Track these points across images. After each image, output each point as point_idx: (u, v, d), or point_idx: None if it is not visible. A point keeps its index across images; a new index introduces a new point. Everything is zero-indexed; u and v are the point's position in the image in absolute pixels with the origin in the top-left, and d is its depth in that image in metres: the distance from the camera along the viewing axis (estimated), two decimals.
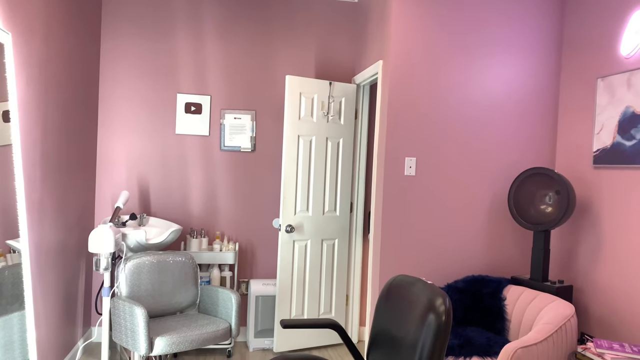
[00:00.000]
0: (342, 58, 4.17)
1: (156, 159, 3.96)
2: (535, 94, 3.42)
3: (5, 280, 2.25)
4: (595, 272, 3.07)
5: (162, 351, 2.88)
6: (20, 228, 2.41)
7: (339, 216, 3.98)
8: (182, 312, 3.41)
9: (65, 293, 3.28)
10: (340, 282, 4.01)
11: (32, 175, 2.66)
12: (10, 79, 2.32)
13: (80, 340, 3.64)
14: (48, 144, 2.89)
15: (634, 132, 2.81)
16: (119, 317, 2.99)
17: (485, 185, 3.37)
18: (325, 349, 3.95)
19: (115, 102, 3.89)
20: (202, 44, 3.98)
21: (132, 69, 3.90)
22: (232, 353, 3.78)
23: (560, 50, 3.45)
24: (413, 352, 1.72)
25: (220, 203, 4.05)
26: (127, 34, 3.89)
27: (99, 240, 3.03)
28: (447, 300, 1.71)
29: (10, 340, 2.26)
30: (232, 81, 4.04)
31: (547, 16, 3.41)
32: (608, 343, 2.58)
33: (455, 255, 3.34)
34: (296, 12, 4.09)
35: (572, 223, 3.27)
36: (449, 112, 3.29)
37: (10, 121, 2.33)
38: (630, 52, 2.86)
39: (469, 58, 3.30)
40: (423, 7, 3.22)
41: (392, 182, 3.22)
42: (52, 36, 2.89)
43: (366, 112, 4.06)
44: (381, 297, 2.08)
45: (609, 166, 3.00)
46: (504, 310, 3.01)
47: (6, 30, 2.31)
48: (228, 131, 4.03)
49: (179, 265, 3.37)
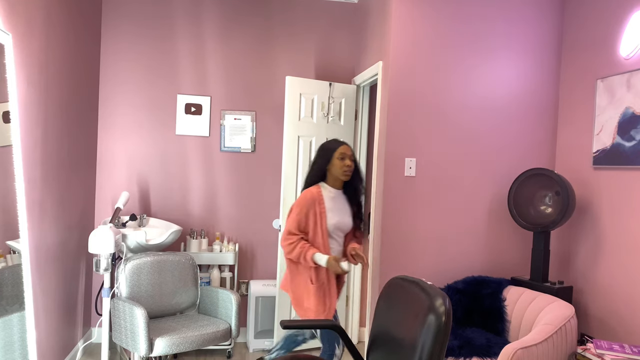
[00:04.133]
0: (342, 59, 4.17)
1: (156, 159, 3.96)
2: (535, 95, 3.42)
3: (5, 281, 2.25)
4: (595, 273, 3.07)
5: (162, 352, 2.88)
6: (21, 229, 2.41)
7: None
8: (182, 312, 3.41)
9: (65, 294, 3.28)
10: None
11: (32, 176, 2.66)
12: (10, 80, 2.32)
13: (80, 341, 3.64)
14: (48, 145, 2.90)
15: (633, 133, 2.81)
16: (119, 317, 2.99)
17: (485, 185, 3.37)
18: None
19: (115, 103, 3.90)
20: (202, 44, 3.99)
21: (132, 69, 3.91)
22: (232, 354, 3.78)
23: (560, 51, 3.45)
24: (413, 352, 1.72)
25: (220, 204, 4.05)
26: (128, 35, 3.89)
27: (99, 241, 3.03)
28: (447, 301, 1.71)
29: (10, 341, 2.26)
30: (232, 82, 4.04)
31: (547, 17, 3.41)
32: (608, 344, 2.58)
33: (455, 256, 3.34)
34: (296, 13, 4.10)
35: (572, 224, 3.27)
36: (448, 112, 3.29)
37: (11, 122, 2.33)
38: (630, 53, 2.86)
39: (468, 59, 3.30)
40: (423, 8, 3.22)
41: (392, 182, 3.22)
42: (53, 37, 2.90)
43: (366, 112, 4.06)
44: (381, 298, 2.08)
45: (608, 167, 3.00)
46: (504, 311, 3.01)
47: (6, 31, 2.31)
48: (228, 132, 4.03)
49: (178, 266, 3.37)
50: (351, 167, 2.75)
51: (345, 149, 2.75)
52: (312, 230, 2.71)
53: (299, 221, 2.69)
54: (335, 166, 2.74)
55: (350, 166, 2.74)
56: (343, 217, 2.78)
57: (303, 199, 2.71)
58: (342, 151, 2.74)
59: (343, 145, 2.76)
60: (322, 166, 2.77)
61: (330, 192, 2.77)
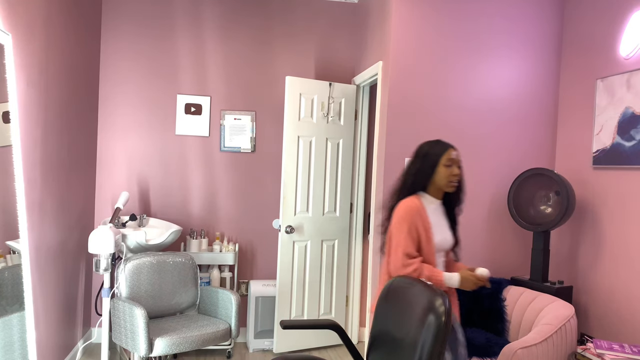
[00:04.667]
0: (342, 59, 4.17)
1: (156, 159, 3.96)
2: (535, 95, 3.42)
3: (5, 281, 2.25)
4: (594, 273, 3.07)
5: (161, 352, 2.88)
6: (20, 229, 2.41)
7: (338, 217, 3.99)
8: (182, 312, 3.41)
9: (65, 294, 3.28)
10: (340, 282, 4.01)
11: (32, 176, 2.66)
12: (10, 80, 2.32)
13: (80, 341, 3.64)
14: (48, 145, 2.90)
15: (633, 133, 2.81)
16: (119, 318, 2.99)
17: (485, 185, 3.37)
18: (325, 350, 3.95)
19: (115, 103, 3.90)
20: (202, 44, 3.99)
21: (132, 69, 3.90)
22: (232, 354, 3.78)
23: (560, 51, 3.45)
24: (413, 352, 1.72)
25: (220, 204, 4.05)
26: (128, 35, 3.89)
27: (99, 241, 3.03)
28: (446, 301, 1.71)
29: (10, 341, 2.26)
30: (232, 82, 4.04)
31: (547, 17, 3.41)
32: (608, 344, 2.58)
33: None
34: (296, 13, 4.10)
35: (572, 224, 3.27)
36: (448, 112, 3.29)
37: (11, 122, 2.33)
38: (629, 53, 2.86)
39: (468, 59, 3.30)
40: (423, 7, 3.22)
41: (392, 182, 3.22)
42: (53, 37, 2.90)
43: (366, 112, 4.06)
44: (381, 298, 2.08)
45: (608, 167, 3.00)
46: (504, 311, 3.01)
47: (6, 31, 2.31)
48: (228, 132, 4.03)
49: (178, 266, 3.37)
50: (458, 177, 2.28)
51: (454, 153, 2.27)
52: (424, 249, 2.23)
53: (413, 239, 2.20)
54: (440, 175, 2.25)
55: (458, 175, 2.27)
56: (445, 234, 2.31)
57: (408, 210, 2.22)
58: (450, 157, 2.26)
59: (450, 149, 2.27)
60: (427, 174, 2.27)
61: (432, 203, 2.31)
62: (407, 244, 2.18)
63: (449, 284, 2.17)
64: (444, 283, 2.17)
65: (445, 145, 2.28)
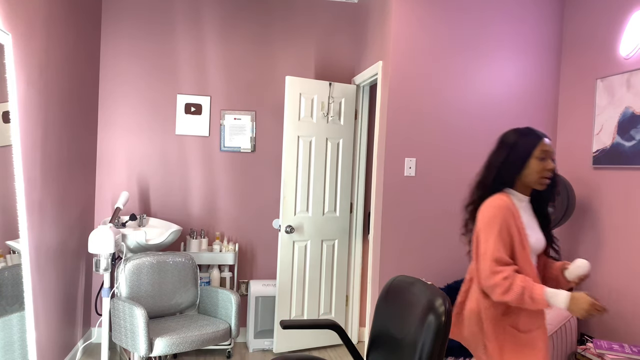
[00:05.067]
0: (342, 59, 4.17)
1: (156, 159, 3.96)
2: (535, 95, 3.42)
3: (5, 281, 2.25)
4: (594, 273, 3.07)
5: (161, 352, 2.88)
6: (20, 229, 2.41)
7: (338, 217, 3.99)
8: (181, 312, 3.41)
9: (65, 294, 3.28)
10: (340, 282, 4.01)
11: (32, 176, 2.66)
12: (10, 80, 2.32)
13: (80, 341, 3.64)
14: (48, 145, 2.90)
15: (633, 133, 2.81)
16: (119, 317, 2.99)
17: None
18: (325, 350, 3.95)
19: (115, 103, 3.90)
20: (202, 44, 3.99)
21: (132, 69, 3.90)
22: (232, 354, 3.78)
23: (560, 51, 3.45)
24: (413, 352, 1.72)
25: (220, 204, 4.05)
26: (127, 35, 3.89)
27: (99, 240, 3.03)
28: (446, 300, 1.71)
29: (10, 341, 2.26)
30: (232, 82, 4.04)
31: (547, 16, 3.41)
32: (608, 344, 2.58)
33: (455, 256, 3.34)
34: (296, 13, 4.10)
35: (572, 223, 3.27)
36: (449, 112, 3.29)
37: (11, 122, 2.33)
38: (629, 53, 2.86)
39: (469, 59, 3.30)
40: (423, 7, 3.22)
41: (392, 182, 3.22)
42: (53, 37, 2.90)
43: (366, 112, 4.06)
44: (381, 298, 2.08)
45: (608, 167, 3.00)
46: None
47: (6, 30, 2.31)
48: (228, 132, 4.03)
49: (178, 266, 3.37)
50: (552, 171, 1.96)
51: (547, 145, 1.95)
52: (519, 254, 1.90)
53: (504, 242, 1.87)
54: (531, 169, 1.94)
55: (552, 170, 1.95)
56: (538, 234, 2.00)
57: (497, 209, 1.89)
58: (545, 149, 1.94)
59: (543, 140, 1.95)
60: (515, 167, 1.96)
61: (521, 201, 2.00)
62: (497, 248, 1.85)
63: (552, 302, 1.77)
64: (546, 301, 1.77)
65: (538, 134, 1.96)
